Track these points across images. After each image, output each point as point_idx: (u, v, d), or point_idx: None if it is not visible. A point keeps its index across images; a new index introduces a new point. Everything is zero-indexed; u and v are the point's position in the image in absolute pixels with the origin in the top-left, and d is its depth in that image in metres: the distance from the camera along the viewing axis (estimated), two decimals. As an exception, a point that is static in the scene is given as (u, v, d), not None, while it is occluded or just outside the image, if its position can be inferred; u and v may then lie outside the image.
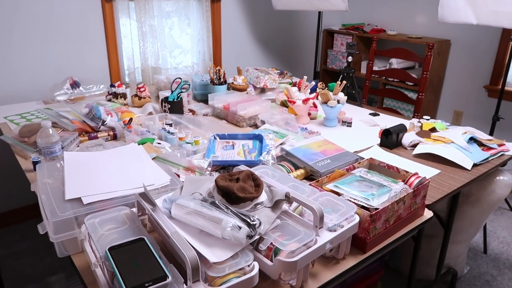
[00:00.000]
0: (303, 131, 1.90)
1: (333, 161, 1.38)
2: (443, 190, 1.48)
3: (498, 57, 3.02)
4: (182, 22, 3.10)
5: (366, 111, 2.36)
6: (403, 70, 2.89)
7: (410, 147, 1.84)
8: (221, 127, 1.97)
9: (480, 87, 3.17)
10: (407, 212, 1.22)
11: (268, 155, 1.35)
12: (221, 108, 2.10)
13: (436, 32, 3.36)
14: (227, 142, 1.48)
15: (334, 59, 3.88)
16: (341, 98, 2.04)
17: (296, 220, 1.02)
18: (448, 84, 3.38)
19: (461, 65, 3.26)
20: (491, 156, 1.75)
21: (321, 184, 1.23)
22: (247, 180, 1.04)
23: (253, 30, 3.48)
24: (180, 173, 1.26)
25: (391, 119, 2.23)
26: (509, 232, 2.66)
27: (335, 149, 1.47)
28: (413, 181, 1.23)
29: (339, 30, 3.76)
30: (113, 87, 2.16)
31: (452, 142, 1.77)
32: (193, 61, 3.21)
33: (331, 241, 0.97)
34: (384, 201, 1.15)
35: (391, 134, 1.82)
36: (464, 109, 3.31)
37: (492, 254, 2.45)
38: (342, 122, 2.11)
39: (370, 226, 1.07)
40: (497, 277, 2.25)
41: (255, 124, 2.02)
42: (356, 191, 1.19)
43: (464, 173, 1.62)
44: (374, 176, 1.30)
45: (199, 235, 0.90)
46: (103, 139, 1.69)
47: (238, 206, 0.97)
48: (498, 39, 3.00)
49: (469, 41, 3.17)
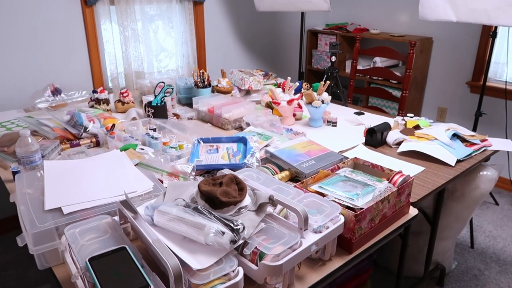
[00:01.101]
0: (288, 132, 1.90)
1: (317, 162, 1.38)
2: (428, 187, 1.49)
3: (479, 54, 3.06)
4: (165, 25, 3.08)
5: (351, 111, 2.37)
6: (387, 69, 2.91)
7: (394, 145, 1.85)
8: (206, 130, 1.96)
9: (463, 84, 3.21)
10: (392, 211, 1.22)
11: (253, 158, 1.34)
12: (206, 111, 2.08)
13: (418, 30, 3.39)
14: (211, 145, 1.47)
15: (319, 59, 3.89)
16: (325, 98, 2.04)
17: (280, 223, 1.01)
18: (431, 81, 3.42)
19: (443, 62, 3.30)
20: (474, 151, 1.77)
21: (305, 185, 1.23)
22: (231, 184, 1.03)
23: (237, 31, 3.47)
24: (163, 178, 1.25)
25: (376, 118, 2.24)
26: (495, 226, 2.70)
27: (319, 149, 1.47)
28: (397, 180, 1.24)
29: (323, 30, 3.77)
30: (95, 93, 2.13)
31: (436, 139, 1.78)
32: (177, 65, 3.19)
33: (317, 242, 0.97)
34: (368, 200, 1.15)
35: (376, 133, 1.82)
36: (448, 106, 3.35)
37: (479, 248, 2.48)
38: (327, 122, 2.12)
39: (355, 226, 1.07)
40: (485, 271, 2.28)
41: (240, 126, 2.01)
42: (341, 191, 1.19)
43: (448, 169, 1.64)
44: (358, 175, 1.30)
45: (182, 242, 0.89)
46: (86, 146, 1.67)
47: (221, 210, 0.96)
48: (478, 36, 3.04)
49: (451, 38, 3.21)
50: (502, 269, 2.29)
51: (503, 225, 2.71)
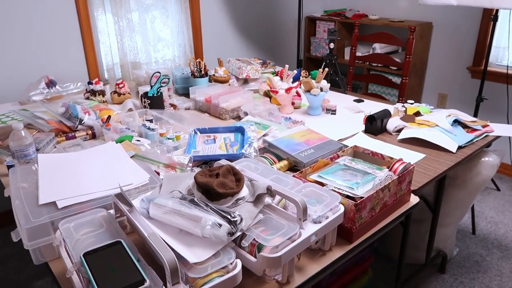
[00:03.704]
0: (286, 121, 1.87)
1: (316, 151, 1.35)
2: (429, 175, 1.47)
3: (480, 38, 3.01)
4: (161, 15, 3.03)
5: (350, 98, 2.34)
6: (386, 55, 2.87)
7: (395, 132, 1.83)
8: (203, 120, 1.93)
9: (463, 69, 3.17)
10: (392, 199, 1.20)
11: (250, 148, 1.32)
12: (203, 101, 2.05)
13: (418, 15, 3.34)
14: (208, 136, 1.44)
15: (318, 47, 3.84)
16: (324, 86, 2.01)
17: (279, 213, 0.99)
18: (431, 67, 3.37)
19: (443, 48, 3.25)
20: (476, 137, 1.74)
21: (304, 175, 1.21)
22: (227, 175, 1.01)
23: (234, 19, 3.42)
24: (160, 170, 1.23)
25: (375, 105, 2.21)
26: (496, 212, 2.69)
27: (318, 138, 1.45)
28: (398, 167, 1.22)
29: (321, 17, 3.71)
30: (91, 84, 2.10)
31: (437, 126, 1.76)
32: (174, 54, 3.15)
33: (316, 233, 0.95)
34: (368, 189, 1.13)
35: (376, 120, 1.80)
36: (449, 92, 3.31)
37: (480, 234, 2.47)
38: (326, 110, 2.09)
39: (355, 216, 1.05)
40: (486, 257, 2.27)
41: (238, 116, 1.99)
42: (340, 180, 1.17)
43: (450, 156, 1.61)
44: (358, 164, 1.27)
45: (178, 235, 0.87)
46: (81, 139, 1.64)
47: (218, 202, 0.94)
48: (479, 20, 2.99)
49: (451, 23, 3.16)
50: (504, 254, 2.28)
51: (504, 210, 2.70)
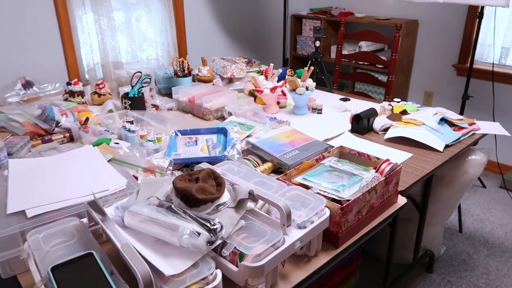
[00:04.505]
0: (271, 121, 1.83)
1: (301, 152, 1.31)
2: (416, 175, 1.44)
3: (465, 35, 3.01)
4: (145, 13, 2.96)
5: (337, 97, 2.31)
6: (373, 53, 2.85)
7: (381, 131, 1.80)
8: (186, 121, 1.88)
9: (449, 66, 3.17)
10: (380, 201, 1.17)
11: (233, 150, 1.27)
12: (186, 101, 2.00)
13: (404, 13, 3.33)
14: (189, 138, 1.39)
15: (304, 45, 3.81)
16: (309, 85, 1.97)
17: (262, 219, 0.95)
18: (417, 64, 3.37)
19: (429, 45, 3.25)
20: (463, 136, 1.73)
21: (289, 177, 1.17)
22: (208, 179, 0.96)
23: (219, 18, 3.36)
24: (138, 175, 1.17)
25: (362, 104, 2.18)
26: (482, 209, 2.69)
27: (303, 138, 1.41)
28: (385, 168, 1.19)
29: (307, 15, 3.68)
30: (70, 85, 2.03)
31: (423, 124, 1.74)
32: (157, 54, 3.08)
33: (301, 239, 0.91)
34: (355, 191, 1.09)
35: (362, 119, 1.77)
36: (435, 89, 3.31)
37: (467, 232, 2.47)
38: (312, 109, 2.05)
39: (341, 220, 1.02)
40: (473, 255, 2.26)
41: (222, 116, 1.94)
42: (326, 182, 1.13)
43: (437, 155, 1.59)
44: (344, 165, 1.24)
45: (155, 245, 0.82)
46: (58, 142, 1.58)
47: (198, 209, 0.89)
48: (464, 17, 2.99)
49: (436, 21, 3.15)
50: (491, 252, 2.28)
51: (490, 208, 2.71)
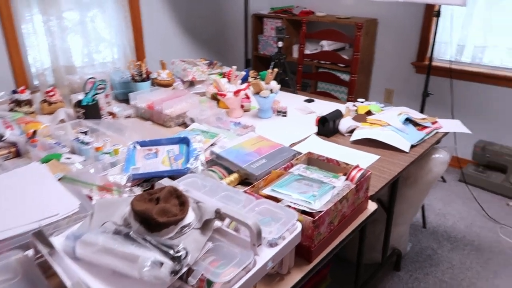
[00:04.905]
0: (236, 126, 1.77)
1: (269, 160, 1.26)
2: (385, 177, 1.43)
3: (423, 34, 3.08)
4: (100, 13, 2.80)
5: (301, 98, 2.28)
6: (334, 52, 2.85)
7: (347, 133, 1.78)
8: (146, 129, 1.78)
9: (408, 64, 3.23)
10: (351, 209, 1.14)
11: (197, 161, 1.20)
12: (145, 107, 1.89)
13: (364, 12, 3.35)
14: (149, 149, 1.30)
15: (266, 45, 3.76)
16: (274, 87, 1.92)
17: (231, 239, 0.88)
18: (378, 63, 3.41)
19: (389, 44, 3.30)
20: (426, 135, 1.74)
21: (257, 189, 1.11)
22: (170, 198, 0.89)
23: (178, 18, 3.25)
24: (93, 194, 1.07)
25: (326, 105, 2.16)
26: (444, 203, 2.75)
27: (270, 145, 1.35)
28: (355, 175, 1.15)
29: (268, 14, 3.64)
30: (15, 93, 1.87)
31: (389, 125, 1.73)
32: (113, 57, 2.93)
33: (273, 258, 0.86)
34: (326, 201, 1.05)
35: (328, 122, 1.74)
36: (395, 87, 3.36)
37: (430, 227, 2.51)
38: (277, 112, 2.01)
39: (314, 233, 0.97)
40: (438, 249, 2.31)
41: (184, 122, 1.85)
42: (296, 193, 1.08)
43: (403, 156, 1.59)
44: (313, 172, 1.20)
45: (112, 278, 0.74)
46: (2, 158, 1.44)
47: (160, 233, 0.82)
48: (422, 16, 3.05)
49: (395, 19, 3.20)
50: (454, 246, 2.33)
51: (451, 202, 2.78)
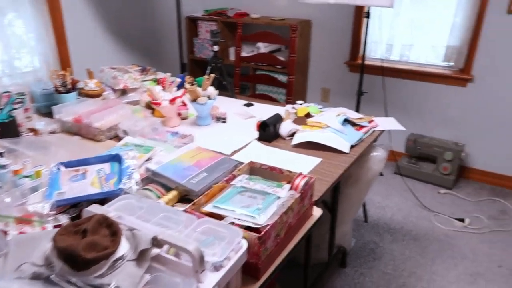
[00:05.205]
0: (173, 136, 1.68)
1: (210, 174, 1.19)
2: (327, 181, 1.43)
3: (354, 34, 3.17)
4: (16, 18, 2.54)
5: (240, 102, 2.24)
6: (271, 54, 2.84)
7: (288, 137, 1.77)
8: (74, 145, 1.63)
9: (342, 64, 3.32)
10: (296, 218, 1.11)
11: (130, 180, 1.10)
12: (71, 121, 1.74)
13: (297, 13, 3.39)
14: (75, 170, 1.18)
15: (201, 48, 3.68)
16: (211, 93, 1.86)
17: (172, 266, 0.81)
18: (313, 63, 3.47)
19: (323, 44, 3.36)
20: (364, 134, 1.77)
21: (198, 206, 1.04)
22: (99, 229, 0.79)
23: (105, 23, 3.06)
24: (9, 228, 0.94)
25: (266, 108, 2.14)
26: (382, 196, 2.86)
27: (210, 157, 1.29)
28: (299, 183, 1.13)
29: (202, 17, 3.56)
30: None
31: (328, 127, 1.74)
32: (34, 66, 2.69)
33: (219, 283, 0.80)
34: (271, 214, 1.01)
35: (268, 126, 1.71)
36: (331, 86, 3.44)
37: (372, 221, 2.59)
38: (216, 118, 1.95)
39: (260, 249, 0.93)
40: (380, 242, 2.38)
41: (117, 135, 1.73)
42: (239, 207, 1.03)
43: (344, 157, 1.60)
44: (257, 183, 1.15)
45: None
46: None
47: (88, 271, 0.72)
48: (353, 17, 3.15)
49: (328, 20, 3.27)
50: (394, 238, 2.43)
51: (389, 194, 2.89)
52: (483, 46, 2.73)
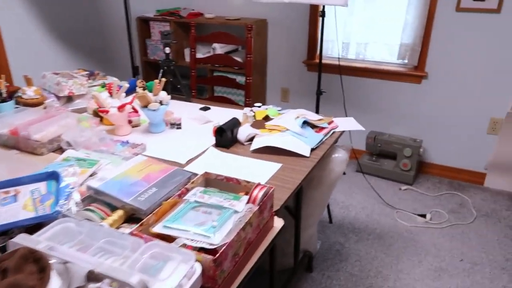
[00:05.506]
0: (123, 146, 1.56)
1: (160, 189, 1.09)
2: (288, 187, 1.36)
3: (311, 33, 3.15)
4: None
5: (197, 106, 2.13)
6: (227, 55, 2.75)
7: (247, 142, 1.69)
8: (12, 160, 1.47)
9: (300, 63, 3.28)
10: (256, 233, 1.03)
11: (69, 201, 0.98)
12: (7, 134, 1.57)
13: (253, 12, 3.32)
14: (5, 192, 1.04)
15: (155, 49, 3.53)
16: (163, 98, 1.75)
17: (113, 302, 0.71)
18: (271, 63, 3.41)
19: (280, 43, 3.32)
20: (325, 136, 1.73)
21: (147, 227, 0.94)
22: (24, 265, 0.68)
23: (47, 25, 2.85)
24: None
25: (223, 112, 2.05)
26: (345, 195, 2.85)
27: (161, 170, 1.19)
28: (257, 195, 1.05)
29: (154, 17, 3.41)
30: None
31: (287, 130, 1.68)
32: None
33: (168, 318, 0.70)
34: (228, 231, 0.92)
35: (226, 132, 1.63)
36: (290, 86, 3.40)
37: (336, 222, 2.57)
38: (171, 124, 1.84)
39: (216, 272, 0.84)
40: (345, 243, 2.36)
41: (60, 147, 1.58)
42: (192, 226, 0.94)
43: (305, 161, 1.55)
44: (212, 196, 1.07)
45: None
46: None
47: (7, 321, 0.61)
48: (308, 15, 3.12)
49: (284, 19, 3.22)
50: (359, 237, 2.41)
51: (352, 193, 2.89)
52: (435, 44, 2.78)
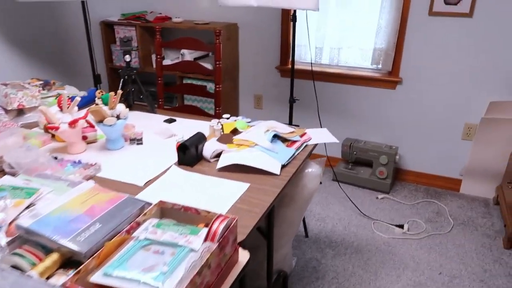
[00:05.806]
0: (75, 167, 1.40)
1: (105, 225, 0.94)
2: (256, 212, 1.23)
3: (283, 38, 3.04)
4: None
5: (161, 118, 1.99)
6: (196, 62, 2.61)
7: (213, 158, 1.55)
8: None
9: (273, 69, 3.17)
10: (216, 273, 0.90)
11: (-8, 245, 0.83)
12: None
13: (223, 16, 3.19)
14: None
15: (121, 55, 3.35)
16: (121, 112, 1.59)
17: None
18: (243, 68, 3.29)
19: (252, 48, 3.20)
20: (297, 150, 1.61)
21: (85, 274, 0.79)
22: None
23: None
24: None
25: (190, 124, 1.91)
26: (322, 207, 2.75)
27: (109, 199, 1.04)
28: (218, 228, 0.92)
29: (119, 21, 3.23)
30: None
31: (257, 145, 1.56)
32: None
33: None
34: (181, 277, 0.79)
35: (189, 149, 1.49)
36: (263, 92, 3.29)
37: (312, 235, 2.46)
38: (130, 140, 1.69)
39: (165, 332, 0.71)
40: (321, 259, 2.25)
41: (2, 170, 1.41)
42: (139, 271, 0.80)
43: (275, 179, 1.42)
44: (166, 231, 0.93)
45: None
46: None
47: None
48: (280, 20, 3.01)
49: (255, 24, 3.11)
50: (336, 252, 2.31)
51: (328, 203, 2.79)
52: (408, 48, 2.72)
